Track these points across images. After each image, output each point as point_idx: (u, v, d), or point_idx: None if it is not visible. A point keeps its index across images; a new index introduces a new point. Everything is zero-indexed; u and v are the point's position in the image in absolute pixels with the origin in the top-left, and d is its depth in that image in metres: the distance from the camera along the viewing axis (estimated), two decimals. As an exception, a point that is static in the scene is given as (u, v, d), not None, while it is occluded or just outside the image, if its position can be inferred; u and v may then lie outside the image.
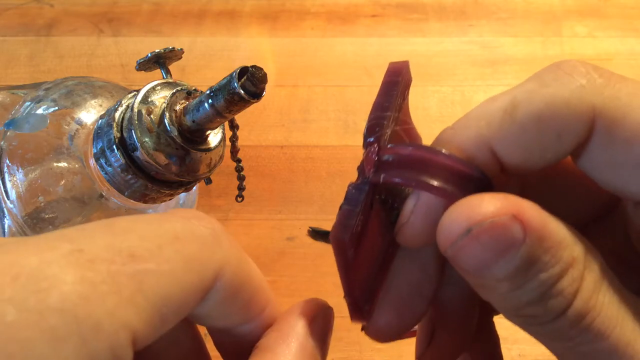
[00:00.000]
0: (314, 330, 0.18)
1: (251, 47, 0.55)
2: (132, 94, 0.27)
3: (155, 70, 0.28)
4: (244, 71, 0.24)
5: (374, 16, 0.57)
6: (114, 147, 0.26)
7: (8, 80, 0.53)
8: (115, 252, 0.14)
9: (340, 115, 0.50)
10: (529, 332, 0.17)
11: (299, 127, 0.50)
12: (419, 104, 0.51)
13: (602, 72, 0.17)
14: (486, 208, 0.15)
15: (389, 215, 0.19)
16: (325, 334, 0.19)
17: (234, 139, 0.28)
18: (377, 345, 0.39)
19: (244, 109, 0.24)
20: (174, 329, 0.15)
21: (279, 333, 0.18)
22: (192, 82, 0.27)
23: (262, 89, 0.24)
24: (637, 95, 0.16)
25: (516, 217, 0.15)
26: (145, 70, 0.28)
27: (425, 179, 0.17)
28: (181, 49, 0.28)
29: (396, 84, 0.19)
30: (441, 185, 0.17)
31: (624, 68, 0.53)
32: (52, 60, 0.54)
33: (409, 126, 0.20)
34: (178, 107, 0.26)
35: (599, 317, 0.16)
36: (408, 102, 0.20)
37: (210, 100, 0.24)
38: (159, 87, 0.27)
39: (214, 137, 0.27)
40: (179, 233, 0.16)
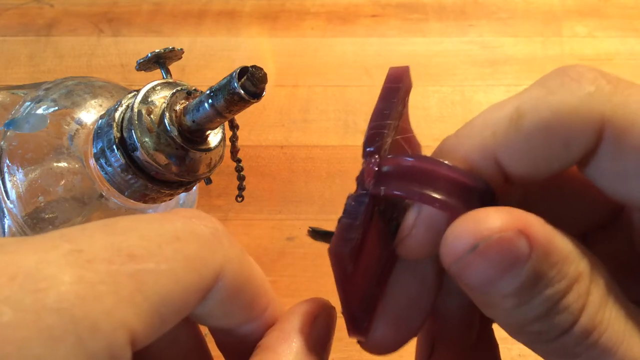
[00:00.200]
0: (316, 329, 0.18)
1: (251, 47, 0.55)
2: (132, 94, 0.27)
3: (155, 70, 0.28)
4: (244, 71, 0.23)
5: (374, 16, 0.57)
6: (114, 147, 0.26)
7: (8, 80, 0.52)
8: (115, 252, 0.14)
9: (340, 115, 0.50)
10: (533, 349, 0.16)
11: (299, 127, 0.50)
12: (419, 104, 0.51)
13: (610, 78, 0.16)
14: (492, 223, 0.15)
15: (388, 226, 0.18)
16: (328, 333, 0.19)
17: (234, 139, 0.28)
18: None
19: (244, 109, 0.24)
20: (174, 328, 0.15)
21: (281, 332, 0.18)
22: (192, 82, 0.27)
23: (262, 89, 0.24)
24: None
25: (522, 232, 0.15)
26: (145, 70, 0.28)
27: (428, 192, 0.16)
28: (181, 49, 0.28)
29: (396, 91, 0.19)
30: (444, 199, 0.16)
31: (624, 68, 0.53)
32: (52, 60, 0.54)
33: (409, 135, 0.20)
34: (178, 107, 0.26)
35: (606, 333, 0.15)
36: (408, 108, 0.20)
37: (210, 100, 0.24)
38: (159, 87, 0.26)
39: (214, 137, 0.27)
40: (179, 232, 0.15)
